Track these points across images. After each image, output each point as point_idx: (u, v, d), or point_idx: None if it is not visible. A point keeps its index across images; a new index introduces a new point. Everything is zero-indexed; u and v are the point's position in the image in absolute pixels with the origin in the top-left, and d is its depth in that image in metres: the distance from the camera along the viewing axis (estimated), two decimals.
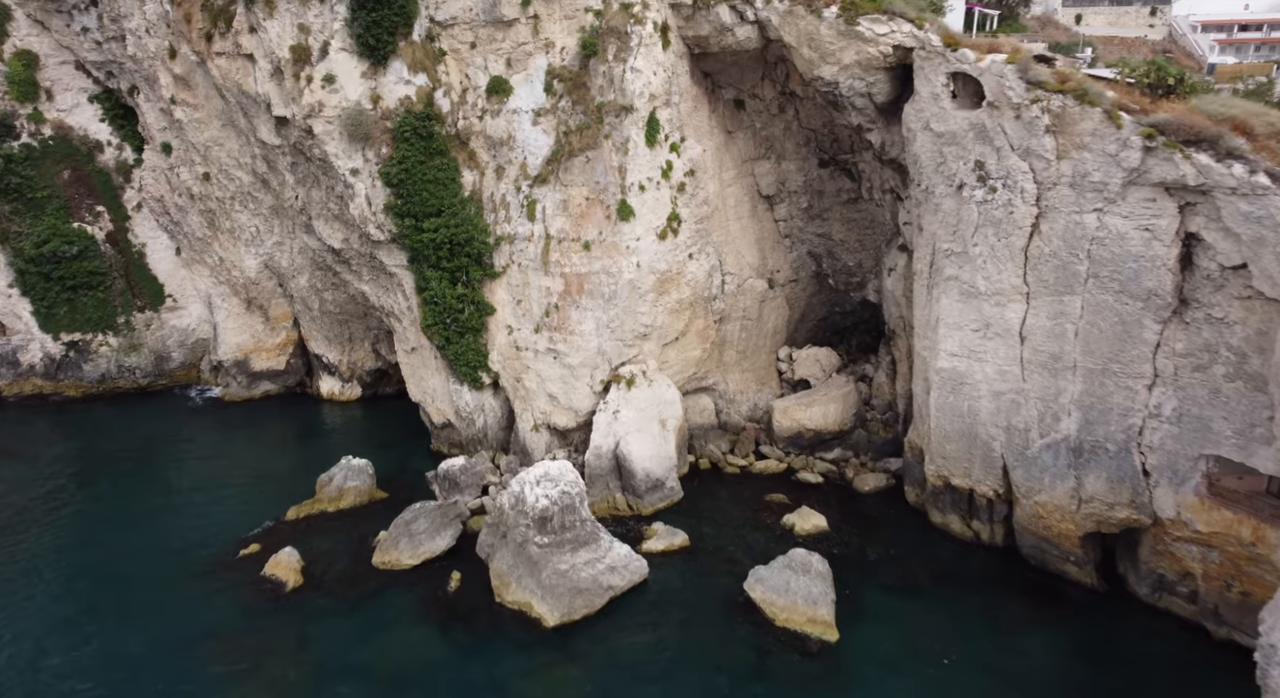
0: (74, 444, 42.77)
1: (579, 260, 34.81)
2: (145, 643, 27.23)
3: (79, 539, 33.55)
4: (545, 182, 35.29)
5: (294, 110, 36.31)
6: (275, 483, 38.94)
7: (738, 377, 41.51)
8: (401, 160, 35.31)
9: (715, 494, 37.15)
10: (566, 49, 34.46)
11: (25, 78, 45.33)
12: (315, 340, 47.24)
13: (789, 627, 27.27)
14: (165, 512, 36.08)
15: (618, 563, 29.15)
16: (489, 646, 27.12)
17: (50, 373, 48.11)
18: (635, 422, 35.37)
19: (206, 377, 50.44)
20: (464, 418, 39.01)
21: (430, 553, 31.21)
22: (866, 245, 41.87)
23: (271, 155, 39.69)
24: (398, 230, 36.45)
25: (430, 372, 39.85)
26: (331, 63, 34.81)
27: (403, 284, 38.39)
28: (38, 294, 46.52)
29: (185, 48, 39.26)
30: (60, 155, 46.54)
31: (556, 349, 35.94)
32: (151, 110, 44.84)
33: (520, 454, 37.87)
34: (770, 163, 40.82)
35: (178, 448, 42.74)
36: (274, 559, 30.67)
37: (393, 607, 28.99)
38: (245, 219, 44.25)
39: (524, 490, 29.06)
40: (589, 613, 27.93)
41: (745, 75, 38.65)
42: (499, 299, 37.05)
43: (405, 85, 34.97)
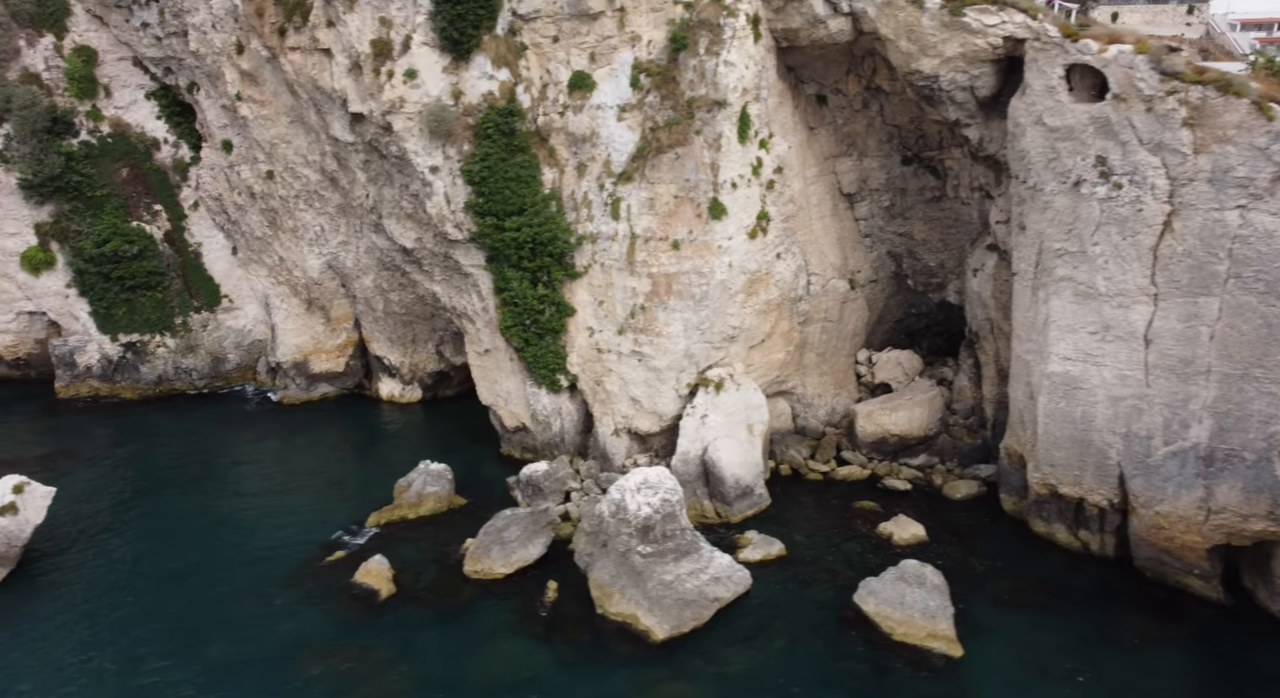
0: (137, 447, 41.97)
1: (667, 260, 33.78)
2: (243, 652, 26.32)
3: (158, 546, 32.69)
4: (630, 179, 34.28)
5: (371, 106, 35.44)
6: (347, 488, 38.12)
7: (816, 380, 40.40)
8: (484, 158, 34.38)
9: (800, 501, 36.06)
10: (653, 42, 33.45)
11: (84, 74, 44.64)
12: (377, 342, 46.35)
13: (907, 641, 26.15)
14: (239, 517, 35.21)
15: (721, 573, 28.09)
16: (595, 659, 26.11)
17: (107, 375, 47.38)
18: (723, 427, 34.31)
19: (263, 378, 49.67)
20: (540, 422, 38.02)
21: (523, 562, 30.22)
22: (949, 245, 40.70)
23: (343, 153, 38.82)
24: (477, 229, 35.51)
25: (504, 374, 38.88)
26: (413, 57, 33.91)
27: (478, 284, 37.45)
28: (96, 294, 45.80)
29: (255, 43, 38.42)
30: (119, 153, 45.83)
31: (642, 352, 34.92)
32: (212, 107, 44.06)
33: (600, 459, 36.86)
34: (852, 160, 39.73)
35: (242, 451, 41.92)
36: (364, 567, 29.74)
37: (490, 617, 28.00)
38: (310, 218, 43.39)
39: (624, 498, 28.01)
40: (697, 626, 26.89)
41: (830, 70, 37.57)
42: (579, 300, 36.06)
43: (488, 80, 34.03)
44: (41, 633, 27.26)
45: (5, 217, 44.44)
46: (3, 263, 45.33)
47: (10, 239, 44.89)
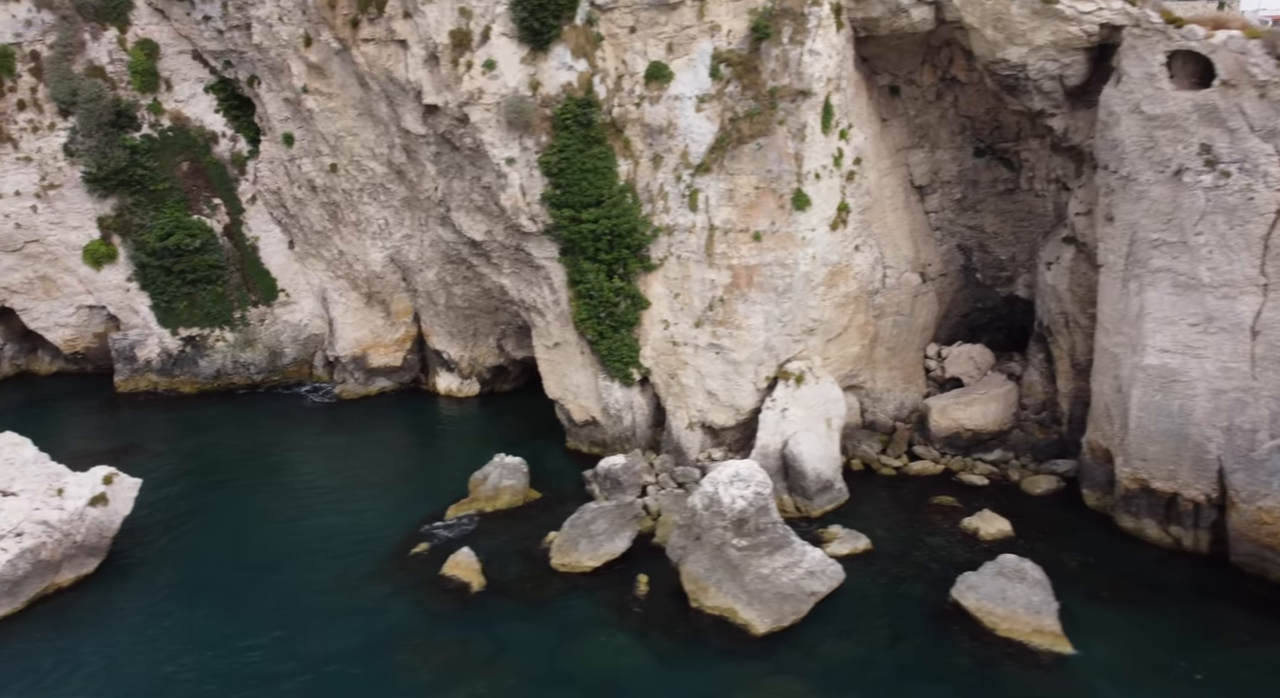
0: (203, 440, 41.91)
1: (748, 252, 33.44)
2: (341, 644, 26.11)
3: (238, 538, 32.57)
4: (708, 170, 33.97)
5: (447, 97, 35.26)
6: (417, 481, 37.99)
7: (885, 374, 39.99)
8: (562, 149, 34.14)
9: (876, 496, 35.68)
10: (734, 32, 33.11)
11: (147, 68, 44.61)
12: (437, 336, 46.19)
13: (1012, 637, 25.73)
14: (315, 510, 35.05)
15: (815, 567, 27.73)
16: (694, 653, 25.80)
17: (166, 369, 47.41)
18: (803, 420, 33.97)
19: (319, 373, 49.59)
20: (611, 416, 37.75)
21: (610, 555, 29.97)
22: (1021, 238, 40.22)
23: (413, 145, 38.65)
24: (553, 221, 35.26)
25: (574, 368, 38.63)
26: (492, 48, 33.71)
27: (550, 277, 37.21)
28: (158, 288, 45.81)
29: (326, 34, 38.28)
30: (179, 147, 45.80)
31: (720, 344, 34.59)
32: (274, 100, 43.96)
33: (674, 453, 36.57)
34: (924, 152, 39.30)
35: (308, 445, 41.83)
36: (453, 560, 29.53)
37: (584, 610, 27.76)
38: (374, 211, 43.24)
39: (717, 491, 27.69)
40: (796, 620, 26.56)
41: (904, 61, 37.17)
42: (654, 293, 35.78)
43: (567, 71, 33.78)
44: (139, 623, 27.16)
45: (69, 210, 44.48)
46: (65, 256, 45.37)
47: (73, 233, 44.95)
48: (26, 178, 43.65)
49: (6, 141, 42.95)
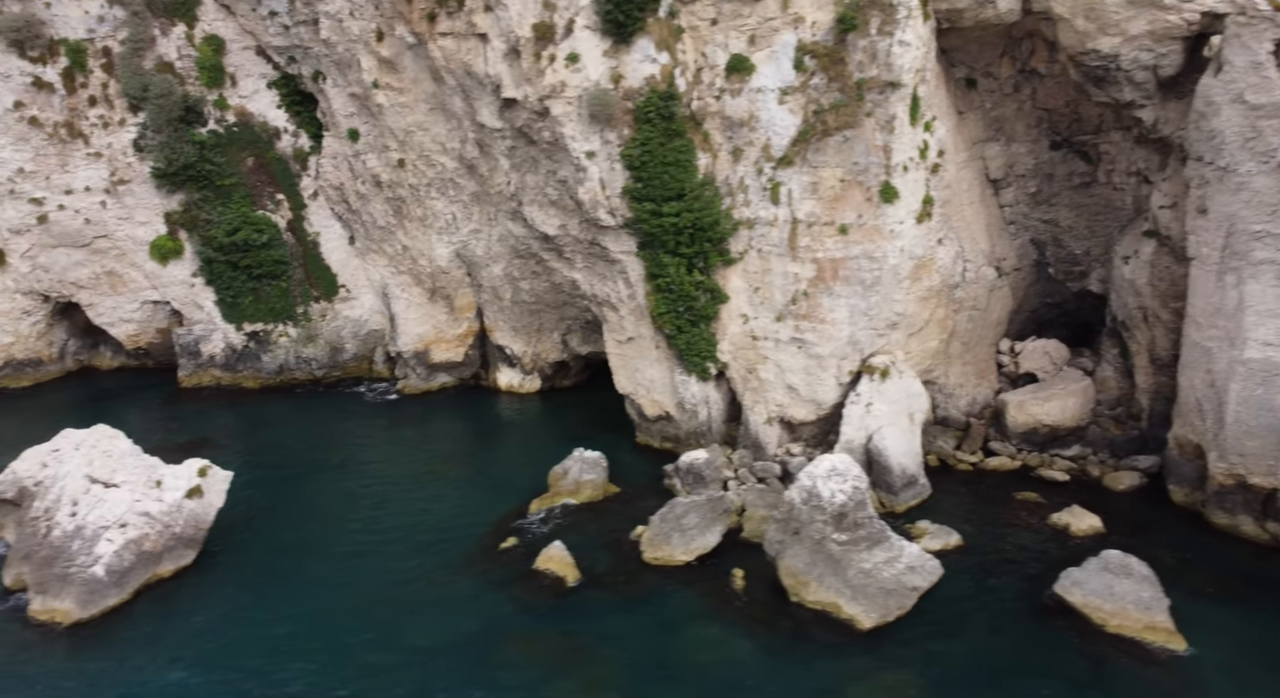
0: (271, 435, 42.02)
1: (833, 245, 33.21)
2: (443, 637, 26.10)
3: (324, 532, 32.58)
4: (790, 163, 33.76)
5: (527, 91, 35.19)
6: (491, 475, 37.96)
7: (958, 369, 39.63)
8: (644, 142, 34.02)
9: (956, 492, 35.38)
10: (818, 24, 32.87)
11: (214, 63, 44.71)
12: (500, 331, 46.14)
13: (1123, 634, 25.43)
14: (391, 504, 35.05)
15: (914, 562, 27.47)
16: (799, 647, 25.65)
17: (230, 364, 47.57)
18: (888, 415, 33.73)
19: (379, 368, 49.61)
20: (687, 410, 37.60)
21: (702, 549, 29.84)
22: (1096, 232, 39.80)
23: (487, 139, 38.60)
24: (633, 215, 35.14)
25: (648, 363, 38.49)
26: (575, 41, 33.62)
27: (626, 271, 37.08)
28: (223, 283, 45.95)
29: (400, 29, 38.27)
30: (244, 142, 45.89)
31: (803, 339, 34.37)
32: (339, 96, 43.96)
33: (752, 448, 36.38)
34: (999, 145, 38.95)
35: (377, 439, 41.87)
36: (545, 554, 29.45)
37: (682, 604, 27.65)
38: (441, 206, 43.23)
39: (816, 485, 27.52)
40: (900, 615, 26.35)
41: (983, 52, 36.85)
42: (733, 287, 35.60)
43: (650, 64, 33.65)
44: (242, 615, 27.20)
45: (137, 205, 44.66)
46: (132, 252, 45.56)
47: (140, 228, 45.13)
48: (96, 174, 43.85)
49: (78, 137, 43.16)
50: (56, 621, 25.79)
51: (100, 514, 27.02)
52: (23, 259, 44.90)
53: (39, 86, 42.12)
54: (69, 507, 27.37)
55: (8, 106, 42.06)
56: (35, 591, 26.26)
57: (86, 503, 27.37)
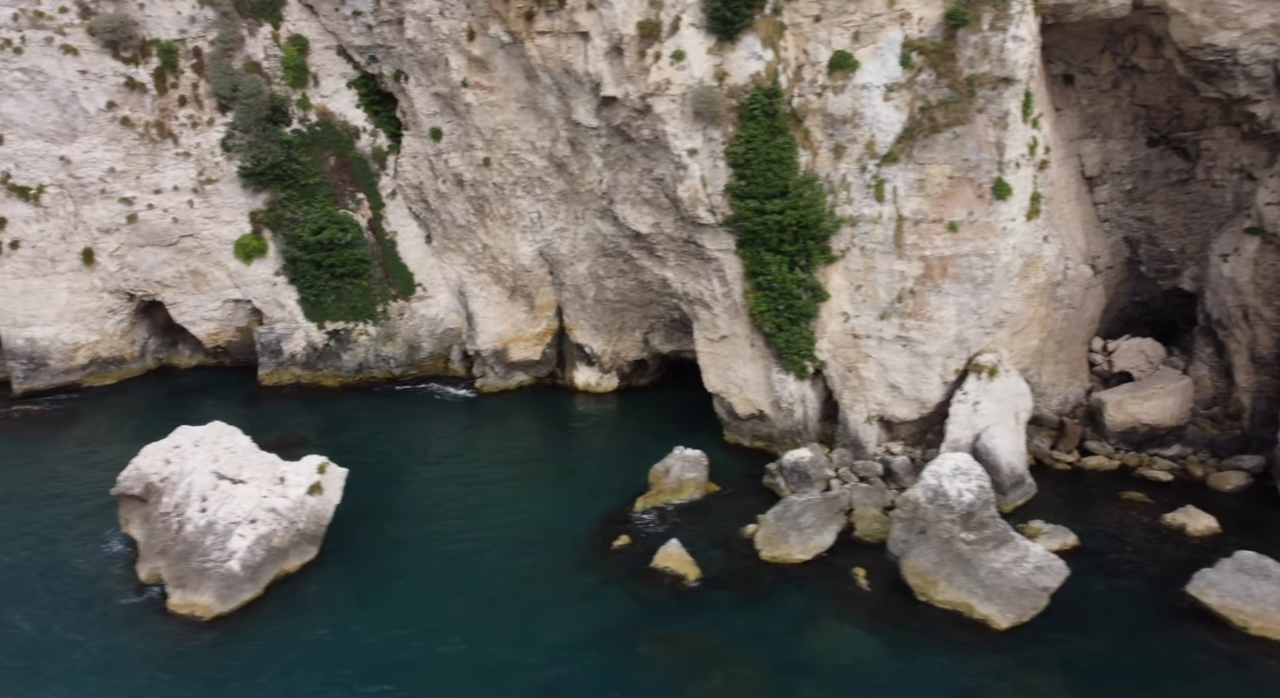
0: (360, 433, 42.17)
1: (942, 242, 33.01)
2: (572, 634, 26.11)
3: (432, 529, 32.67)
4: (895, 160, 33.58)
5: (628, 89, 35.19)
6: (584, 472, 38.00)
7: (1051, 368, 39.31)
8: (749, 140, 33.94)
9: (1058, 491, 35.08)
10: (925, 19, 32.67)
11: (298, 63, 45.01)
12: (580, 330, 46.17)
13: (1267, 636, 25.14)
14: (492, 501, 35.11)
15: (1041, 562, 27.18)
16: (934, 647, 25.47)
17: (310, 362, 47.86)
18: (995, 413, 33.49)
19: (455, 367, 49.76)
20: (782, 409, 37.47)
21: (819, 548, 29.78)
22: (1192, 230, 39.38)
23: (581, 138, 38.64)
24: (735, 212, 35.07)
25: (742, 361, 38.40)
26: (681, 38, 33.57)
27: (723, 269, 37.00)
28: (306, 282, 46.22)
29: (495, 28, 38.36)
30: (326, 142, 46.16)
31: (909, 337, 34.18)
32: (421, 95, 44.13)
33: (851, 447, 36.22)
34: (1096, 142, 38.62)
35: (463, 436, 42.03)
36: (663, 552, 29.43)
37: (806, 603, 27.55)
38: (526, 205, 43.31)
39: (942, 484, 27.38)
40: (1035, 615, 26.14)
41: (1083, 48, 36.55)
42: (834, 285, 35.46)
43: (756, 61, 33.55)
44: (370, 610, 27.31)
45: (223, 205, 45.00)
46: (217, 251, 45.92)
47: (226, 227, 45.47)
48: (184, 173, 44.23)
49: (168, 137, 43.54)
50: (196, 615, 26.02)
51: (230, 510, 27.22)
52: (111, 258, 45.34)
53: (131, 87, 42.51)
54: (198, 502, 27.60)
55: (100, 107, 42.47)
56: (173, 585, 26.50)
57: (216, 499, 27.59)
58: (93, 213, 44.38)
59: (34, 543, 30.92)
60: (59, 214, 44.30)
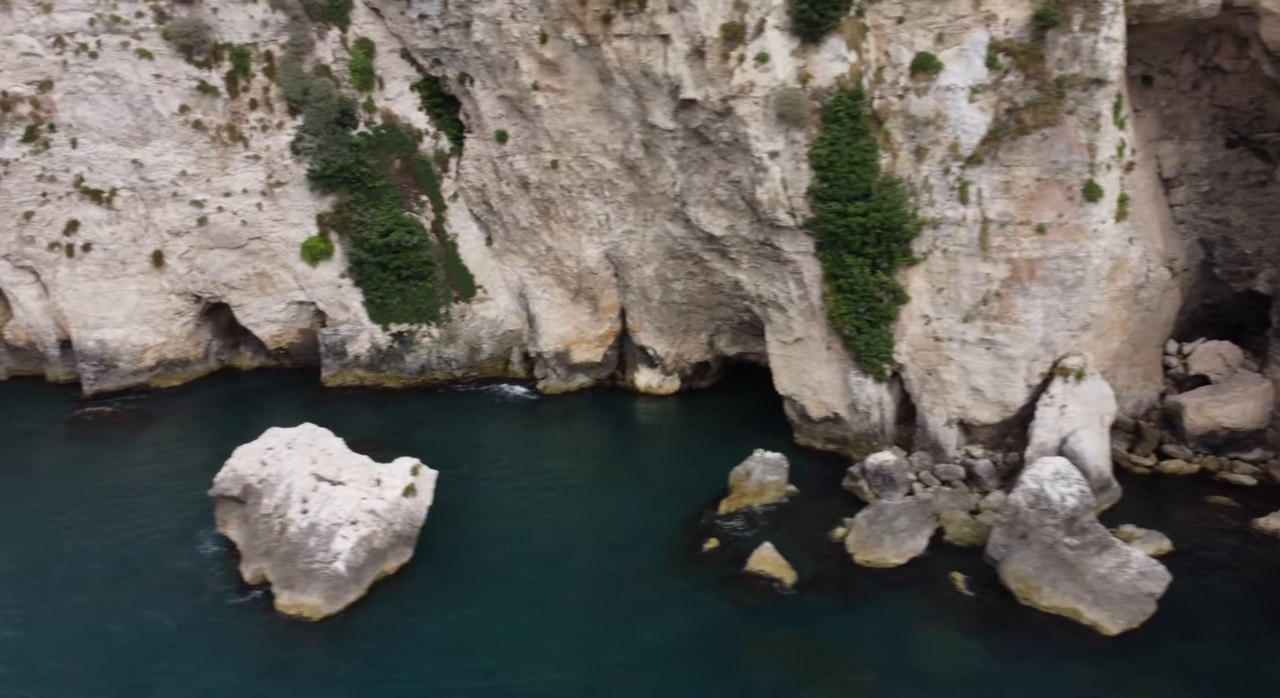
0: (430, 435, 42.21)
1: (1030, 245, 32.83)
2: (674, 637, 26.19)
3: (517, 529, 32.75)
4: (980, 162, 33.42)
5: (708, 91, 35.20)
6: (658, 474, 37.95)
7: (1126, 371, 39.02)
8: (832, 142, 33.89)
9: (1140, 495, 34.79)
10: (1012, 21, 32.51)
11: (365, 67, 45.23)
12: (644, 332, 46.17)
13: None
14: (572, 502, 35.21)
15: (1144, 568, 27.01)
16: (1042, 652, 25.34)
17: (374, 364, 48.05)
18: (1081, 417, 33.28)
19: (515, 368, 49.88)
20: (859, 412, 37.37)
21: (913, 552, 29.71)
22: (1270, 232, 39.01)
23: (656, 140, 38.67)
24: (816, 215, 35.01)
25: (817, 364, 38.31)
26: (765, 41, 33.56)
27: (800, 272, 36.93)
28: (372, 284, 46.42)
29: (570, 30, 38.43)
30: (392, 144, 46.35)
31: (993, 340, 34.01)
32: (487, 98, 44.26)
33: (930, 450, 36.06)
34: (1173, 144, 38.37)
35: (532, 438, 42.18)
36: (758, 555, 29.40)
37: (906, 607, 27.48)
38: (594, 207, 43.37)
39: (1043, 489, 27.26)
40: (1144, 621, 25.97)
41: (1163, 48, 36.33)
42: (914, 287, 35.33)
43: (840, 63, 33.49)
44: (471, 611, 27.46)
45: (291, 207, 45.27)
46: (283, 253, 46.20)
47: (293, 230, 45.75)
48: (254, 176, 44.53)
49: (238, 140, 43.85)
50: (305, 615, 26.19)
51: (332, 512, 27.38)
52: (180, 260, 45.70)
53: (203, 90, 42.84)
54: (299, 504, 27.77)
55: (173, 110, 42.84)
56: (280, 586, 26.68)
57: (316, 500, 27.76)
58: (163, 215, 44.75)
59: (131, 544, 31.21)
60: (130, 217, 44.71)
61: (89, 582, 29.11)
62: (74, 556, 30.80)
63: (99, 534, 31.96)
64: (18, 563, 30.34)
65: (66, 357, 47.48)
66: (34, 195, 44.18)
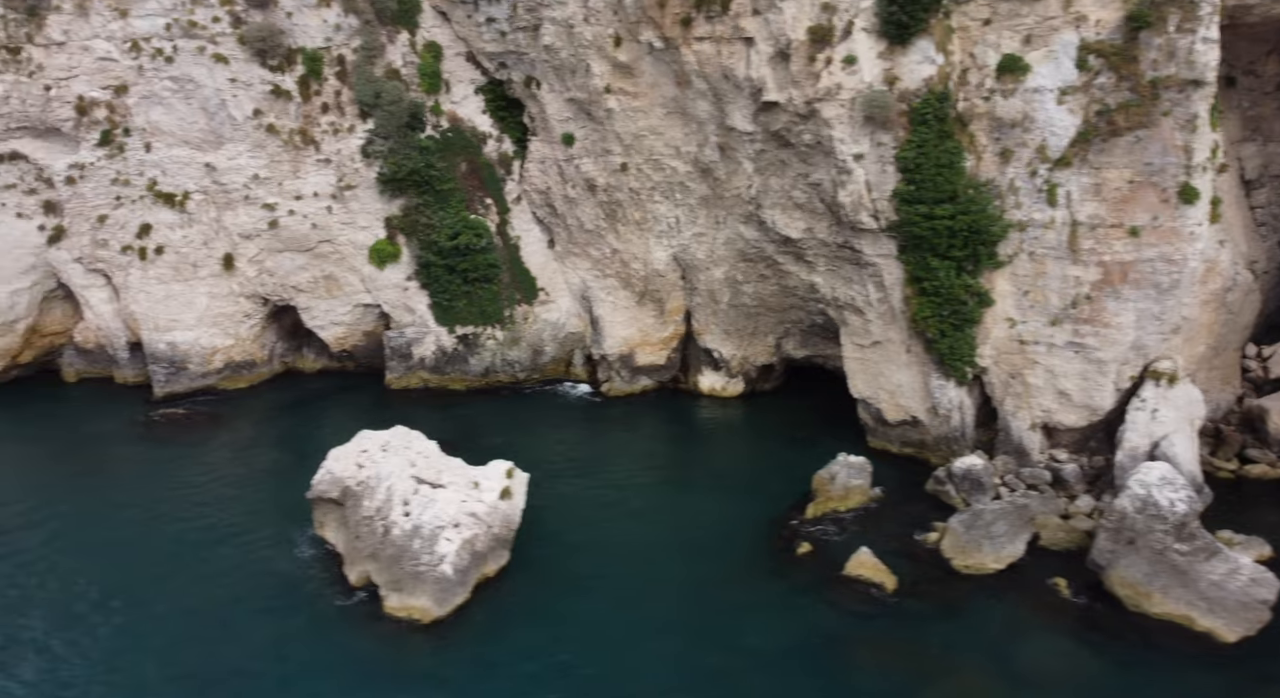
0: (503, 437, 42.01)
1: (1122, 247, 32.56)
2: (779, 641, 26.13)
3: (603, 531, 32.73)
4: (1069, 164, 33.19)
5: (792, 94, 35.14)
6: (735, 478, 37.88)
7: (1204, 374, 38.56)
8: (920, 144, 33.75)
9: (1228, 500, 34.29)
10: (1103, 22, 32.28)
11: (433, 70, 45.44)
12: (710, 334, 46.10)
13: None
14: (657, 506, 35.11)
15: (1255, 575, 26.65)
16: (1158, 660, 25.11)
17: (438, 366, 48.17)
18: (1173, 421, 32.91)
19: (577, 370, 49.94)
20: (940, 415, 37.13)
21: (1012, 557, 29.50)
22: None
23: (733, 143, 38.63)
24: (901, 217, 34.86)
25: (896, 367, 38.13)
26: (853, 43, 33.48)
27: (880, 275, 36.78)
28: (439, 287, 46.55)
29: (648, 34, 38.45)
30: (458, 147, 46.53)
31: (1083, 343, 33.74)
32: (554, 101, 44.36)
33: (1014, 454, 35.80)
34: (1256, 145, 38.08)
35: (603, 442, 42.09)
36: (856, 560, 29.25)
37: (1013, 613, 27.27)
38: (664, 210, 43.37)
39: (1151, 494, 27.03)
40: (1260, 628, 25.67)
41: (1250, 50, 36.11)
42: (999, 290, 35.11)
43: (929, 65, 33.37)
44: (573, 615, 27.48)
45: (360, 210, 45.49)
46: (351, 256, 46.42)
47: (362, 233, 45.96)
48: (324, 179, 44.78)
49: (310, 144, 44.10)
50: (415, 618, 26.25)
51: (435, 514, 27.42)
52: (250, 263, 46.00)
53: (277, 94, 43.12)
54: (400, 506, 27.85)
55: (247, 114, 43.14)
56: (388, 588, 26.75)
57: (418, 503, 27.82)
58: (234, 219, 45.07)
59: (227, 545, 31.37)
60: (202, 220, 45.06)
61: (192, 582, 29.25)
62: (172, 557, 30.95)
63: (194, 536, 32.12)
64: (116, 565, 30.45)
65: (135, 359, 47.87)
66: (108, 199, 44.61)
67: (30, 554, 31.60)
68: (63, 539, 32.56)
